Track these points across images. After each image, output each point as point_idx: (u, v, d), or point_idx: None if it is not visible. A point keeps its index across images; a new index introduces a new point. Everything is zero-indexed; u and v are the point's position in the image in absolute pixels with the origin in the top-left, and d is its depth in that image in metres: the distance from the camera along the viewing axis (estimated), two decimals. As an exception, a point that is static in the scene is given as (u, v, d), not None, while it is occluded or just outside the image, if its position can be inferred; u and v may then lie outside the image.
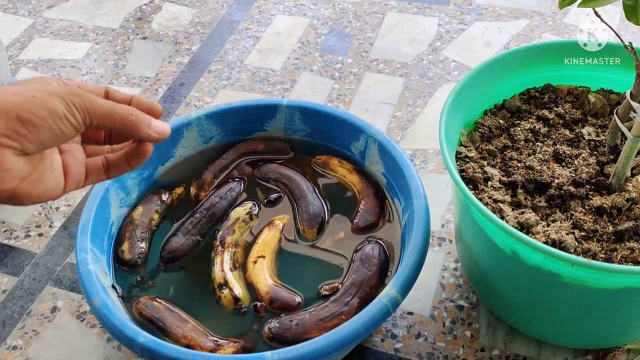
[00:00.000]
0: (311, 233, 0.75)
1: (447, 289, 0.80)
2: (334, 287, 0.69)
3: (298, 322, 0.66)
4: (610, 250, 0.62)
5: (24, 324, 0.79)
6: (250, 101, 0.85)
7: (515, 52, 0.77)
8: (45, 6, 1.31)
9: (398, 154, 0.76)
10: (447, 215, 0.89)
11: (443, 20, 1.22)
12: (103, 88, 0.50)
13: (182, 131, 0.82)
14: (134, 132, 0.47)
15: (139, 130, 0.47)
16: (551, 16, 1.21)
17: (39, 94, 0.42)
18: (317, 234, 0.75)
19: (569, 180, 0.68)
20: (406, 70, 1.12)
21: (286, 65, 1.14)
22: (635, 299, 0.62)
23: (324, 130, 0.83)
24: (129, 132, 0.47)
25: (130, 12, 1.29)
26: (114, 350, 0.76)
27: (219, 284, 0.70)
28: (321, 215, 0.77)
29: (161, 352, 0.59)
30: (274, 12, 1.27)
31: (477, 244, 0.70)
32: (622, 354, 0.71)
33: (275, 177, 0.81)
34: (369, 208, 0.76)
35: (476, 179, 0.69)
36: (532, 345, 0.74)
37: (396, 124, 1.02)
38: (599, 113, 0.77)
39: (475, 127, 0.76)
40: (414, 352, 0.74)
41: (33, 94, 0.42)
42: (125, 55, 1.18)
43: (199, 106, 1.07)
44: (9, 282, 0.83)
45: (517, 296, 0.69)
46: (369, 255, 0.71)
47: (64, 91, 0.43)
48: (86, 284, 0.65)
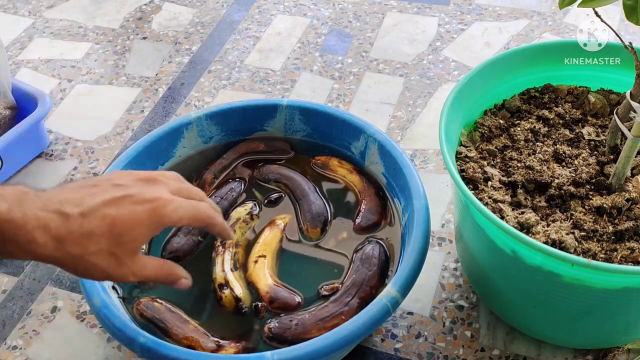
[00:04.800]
0: (315, 232, 0.75)
1: (447, 289, 0.80)
2: (333, 287, 0.69)
3: (298, 322, 0.66)
4: (610, 250, 0.62)
5: (24, 324, 0.79)
6: (250, 101, 0.85)
7: (515, 52, 0.77)
8: (45, 6, 1.31)
9: (398, 154, 0.76)
10: (447, 215, 0.89)
11: (443, 20, 1.22)
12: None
13: (182, 131, 0.82)
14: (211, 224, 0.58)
15: (211, 221, 0.58)
16: (551, 16, 1.21)
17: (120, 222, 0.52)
18: (321, 234, 0.75)
19: (569, 180, 0.68)
20: (406, 70, 1.12)
21: (286, 65, 1.14)
22: (635, 299, 0.62)
23: (324, 130, 0.83)
24: (206, 225, 0.58)
25: (130, 12, 1.29)
26: (114, 350, 0.76)
27: (219, 284, 0.70)
28: (324, 214, 0.77)
29: (161, 352, 0.59)
30: (274, 12, 1.27)
31: (477, 244, 0.70)
32: (622, 354, 0.71)
33: (275, 177, 0.81)
34: (370, 208, 0.76)
35: (476, 179, 0.69)
36: (532, 345, 0.74)
37: (396, 124, 1.02)
38: (599, 113, 0.77)
39: (475, 127, 0.76)
40: (414, 352, 0.74)
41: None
42: (125, 55, 1.18)
43: (199, 106, 1.07)
44: (9, 282, 0.83)
45: (517, 296, 0.69)
46: (369, 256, 0.71)
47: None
48: (86, 284, 0.65)
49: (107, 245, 0.50)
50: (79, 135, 1.03)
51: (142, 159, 0.79)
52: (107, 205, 0.51)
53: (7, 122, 0.96)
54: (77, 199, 0.51)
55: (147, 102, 1.09)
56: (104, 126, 1.05)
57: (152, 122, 1.05)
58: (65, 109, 1.08)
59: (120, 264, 0.52)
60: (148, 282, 0.62)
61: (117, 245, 0.51)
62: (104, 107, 1.08)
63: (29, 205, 0.48)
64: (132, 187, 0.53)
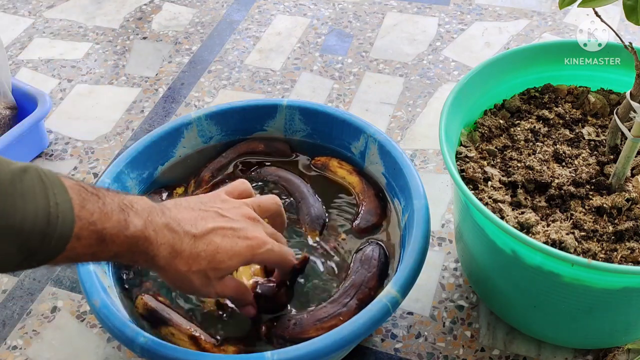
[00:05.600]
0: (314, 235, 0.75)
1: (447, 289, 0.80)
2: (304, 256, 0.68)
3: (296, 322, 0.66)
4: (610, 250, 0.62)
5: (24, 324, 0.79)
6: (250, 101, 0.85)
7: (515, 52, 0.77)
8: (45, 6, 1.31)
9: (398, 154, 0.76)
10: (447, 215, 0.89)
11: (443, 20, 1.22)
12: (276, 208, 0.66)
13: (182, 131, 0.82)
14: (286, 267, 0.65)
15: (288, 266, 0.65)
16: (551, 16, 1.21)
17: (222, 251, 0.58)
18: (319, 236, 0.75)
19: (569, 180, 0.68)
20: (406, 70, 1.12)
21: (286, 65, 1.14)
22: (635, 299, 0.62)
23: (324, 130, 0.83)
24: (282, 268, 0.66)
25: (130, 12, 1.29)
26: (114, 350, 0.76)
27: None
28: (323, 217, 0.77)
29: (161, 352, 0.59)
30: (274, 12, 1.27)
31: (477, 244, 0.70)
32: (622, 354, 0.71)
33: (274, 179, 0.81)
34: (370, 209, 0.76)
35: (476, 179, 0.69)
36: (532, 345, 0.74)
37: (396, 124, 1.02)
38: (599, 113, 0.77)
39: (475, 127, 0.76)
40: (414, 352, 0.74)
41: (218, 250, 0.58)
42: (125, 55, 1.18)
43: (199, 106, 1.07)
44: (9, 282, 0.83)
45: (517, 296, 0.69)
46: (369, 257, 0.71)
47: (248, 248, 0.59)
48: (86, 284, 0.65)
49: (206, 267, 0.57)
50: (79, 135, 1.03)
51: (142, 159, 0.79)
52: (215, 233, 0.58)
53: (7, 122, 0.96)
54: (191, 221, 0.57)
55: (147, 102, 1.09)
56: (104, 126, 1.05)
57: (152, 122, 1.05)
58: (65, 109, 1.08)
59: (209, 284, 0.59)
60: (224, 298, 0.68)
61: (214, 269, 0.58)
62: (104, 107, 1.08)
63: (157, 222, 0.54)
64: (238, 222, 0.60)
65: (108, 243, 0.51)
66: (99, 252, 0.51)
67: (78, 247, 0.49)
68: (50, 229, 0.46)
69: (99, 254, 0.51)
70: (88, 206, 0.49)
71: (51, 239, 0.46)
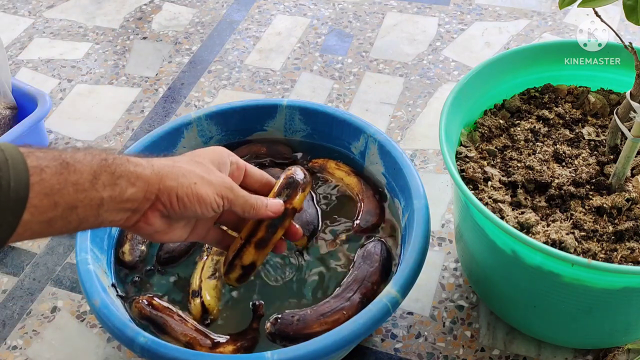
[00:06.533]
0: (301, 241, 0.74)
1: (447, 289, 0.80)
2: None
3: (299, 318, 0.66)
4: (610, 250, 0.62)
5: (24, 324, 0.79)
6: (250, 101, 0.85)
7: (515, 52, 0.77)
8: (45, 6, 1.31)
9: (398, 154, 0.76)
10: (447, 215, 0.89)
11: (443, 20, 1.22)
12: (243, 168, 0.62)
13: (182, 131, 0.82)
14: (256, 216, 0.61)
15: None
16: (551, 16, 1.21)
17: (199, 183, 0.55)
18: (308, 242, 0.74)
19: (569, 180, 0.68)
20: (406, 70, 1.12)
21: (286, 65, 1.14)
22: (635, 299, 0.62)
23: (324, 130, 0.83)
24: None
25: (130, 12, 1.29)
26: (114, 350, 0.76)
27: (192, 291, 0.69)
28: (313, 223, 0.76)
29: (161, 352, 0.59)
30: (274, 12, 1.27)
31: (477, 244, 0.70)
32: (622, 354, 0.71)
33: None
34: (369, 209, 0.76)
35: (476, 179, 0.69)
36: (532, 345, 0.74)
37: (396, 124, 1.02)
38: (599, 113, 0.77)
39: (475, 127, 0.76)
40: (414, 352, 0.74)
41: (195, 180, 0.55)
42: (125, 55, 1.18)
43: (199, 106, 1.07)
44: (9, 282, 0.83)
45: (517, 296, 0.69)
46: (371, 252, 0.71)
47: (220, 184, 0.56)
48: (86, 284, 0.65)
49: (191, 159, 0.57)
50: (79, 135, 1.03)
51: (142, 159, 0.79)
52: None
53: (7, 122, 0.96)
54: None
55: (147, 102, 1.09)
56: (104, 126, 1.05)
57: (152, 122, 1.05)
58: (65, 109, 1.08)
59: (211, 172, 0.57)
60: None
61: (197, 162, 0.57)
62: (104, 107, 1.08)
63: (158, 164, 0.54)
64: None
65: (71, 167, 0.47)
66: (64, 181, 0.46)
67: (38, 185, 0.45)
68: (3, 172, 0.43)
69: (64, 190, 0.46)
70: (38, 153, 0.46)
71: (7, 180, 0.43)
